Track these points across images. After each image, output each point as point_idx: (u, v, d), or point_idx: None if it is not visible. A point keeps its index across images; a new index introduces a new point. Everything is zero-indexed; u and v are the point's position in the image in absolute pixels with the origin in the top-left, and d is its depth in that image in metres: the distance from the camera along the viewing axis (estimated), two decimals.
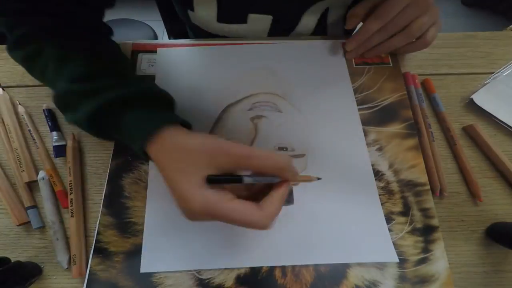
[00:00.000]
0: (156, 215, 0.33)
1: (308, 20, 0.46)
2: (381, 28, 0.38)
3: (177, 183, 0.24)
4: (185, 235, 0.32)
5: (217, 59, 0.42)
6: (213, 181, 0.23)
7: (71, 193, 0.33)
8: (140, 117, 0.28)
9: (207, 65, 0.41)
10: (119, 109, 0.28)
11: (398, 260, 0.30)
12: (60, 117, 0.38)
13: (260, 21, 0.45)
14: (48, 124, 0.37)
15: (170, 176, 0.25)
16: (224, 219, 0.23)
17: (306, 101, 0.39)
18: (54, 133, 0.37)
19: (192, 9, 0.45)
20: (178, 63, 0.41)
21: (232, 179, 0.24)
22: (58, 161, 0.36)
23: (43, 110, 0.38)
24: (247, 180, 0.23)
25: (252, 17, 0.44)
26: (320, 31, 0.49)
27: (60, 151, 0.36)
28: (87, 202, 0.34)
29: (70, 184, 0.34)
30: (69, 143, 0.35)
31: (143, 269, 0.30)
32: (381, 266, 0.31)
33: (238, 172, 0.25)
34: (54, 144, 0.36)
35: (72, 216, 0.32)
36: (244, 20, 0.45)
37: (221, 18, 0.45)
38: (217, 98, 0.39)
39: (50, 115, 0.38)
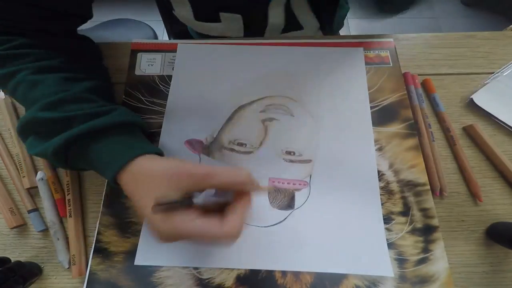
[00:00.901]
0: None
1: (275, 14, 0.47)
2: None
3: (144, 209, 0.24)
4: None
5: (236, 58, 0.42)
6: (159, 209, 0.22)
7: (68, 194, 0.33)
8: (112, 149, 0.27)
9: (225, 63, 0.41)
10: (90, 140, 0.28)
11: (393, 275, 0.30)
12: None
13: (232, 20, 0.46)
14: None
15: (138, 202, 0.25)
16: (187, 238, 0.24)
17: (321, 106, 0.38)
18: None
19: (173, 9, 0.47)
20: (198, 59, 0.42)
21: (179, 204, 0.24)
22: None
23: None
24: (197, 201, 0.24)
25: (224, 16, 0.46)
26: (295, 24, 0.50)
27: None
28: (86, 201, 0.34)
29: (67, 184, 0.34)
30: None
31: (137, 262, 0.30)
32: None
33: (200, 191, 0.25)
34: None
35: (70, 216, 0.32)
36: (217, 19, 0.47)
37: (197, 16, 0.47)
38: (232, 97, 0.39)
39: None
